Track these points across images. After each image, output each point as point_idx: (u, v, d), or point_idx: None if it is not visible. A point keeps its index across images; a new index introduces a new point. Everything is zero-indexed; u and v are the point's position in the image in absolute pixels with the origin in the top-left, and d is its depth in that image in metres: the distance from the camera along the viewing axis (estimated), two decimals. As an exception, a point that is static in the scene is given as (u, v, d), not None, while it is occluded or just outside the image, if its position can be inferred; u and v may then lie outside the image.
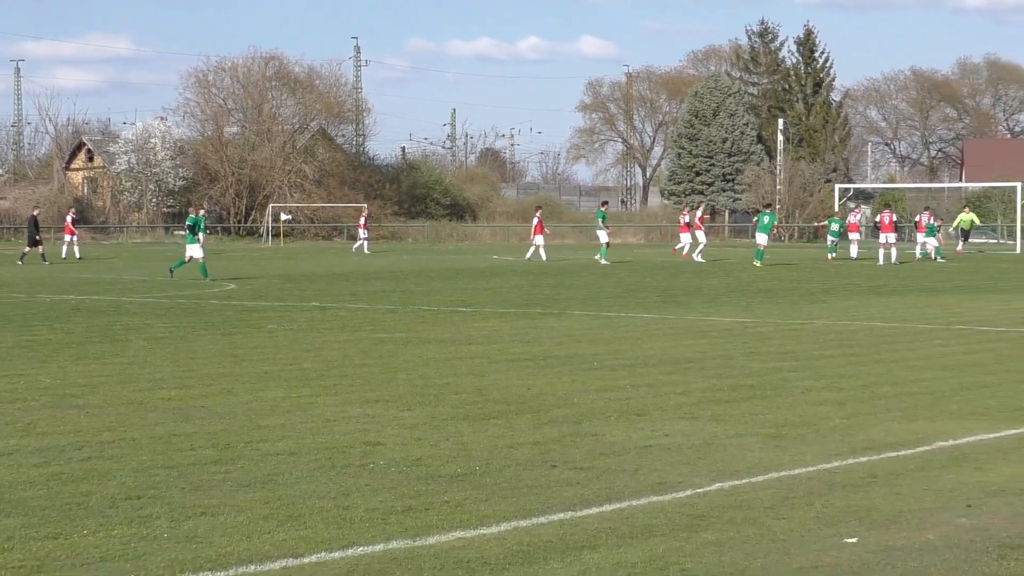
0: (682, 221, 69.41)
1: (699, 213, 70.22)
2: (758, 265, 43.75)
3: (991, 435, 14.73)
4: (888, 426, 15.29)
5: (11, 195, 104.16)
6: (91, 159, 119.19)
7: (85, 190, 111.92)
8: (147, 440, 14.21)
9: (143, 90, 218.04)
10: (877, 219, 67.62)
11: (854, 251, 65.64)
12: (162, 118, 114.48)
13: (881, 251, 62.00)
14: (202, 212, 51.36)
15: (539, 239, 64.68)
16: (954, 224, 79.00)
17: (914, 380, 19.49)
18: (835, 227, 49.92)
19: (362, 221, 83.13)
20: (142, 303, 35.86)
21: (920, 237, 67.42)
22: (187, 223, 49.44)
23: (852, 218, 66.93)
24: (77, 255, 67.29)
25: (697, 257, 63.44)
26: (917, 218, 69.34)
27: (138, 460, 13.09)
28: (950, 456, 13.55)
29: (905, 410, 16.51)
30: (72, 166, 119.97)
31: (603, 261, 60.30)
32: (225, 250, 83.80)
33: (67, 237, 69.57)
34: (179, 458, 13.22)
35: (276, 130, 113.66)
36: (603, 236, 63.76)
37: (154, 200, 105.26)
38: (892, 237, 62.05)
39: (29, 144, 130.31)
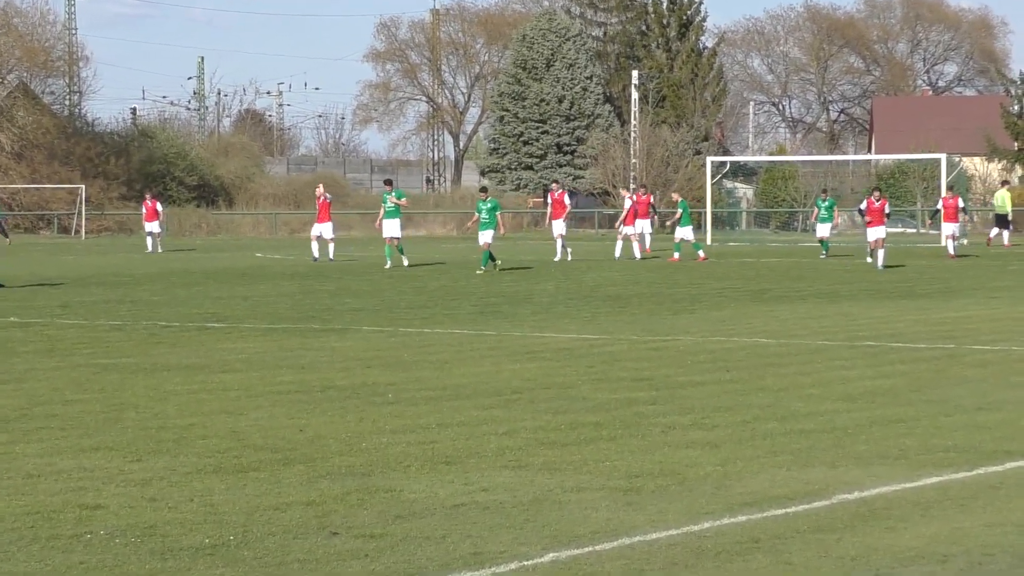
0: (628, 203, 68.41)
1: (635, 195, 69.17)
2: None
3: (907, 484, 14.92)
4: (774, 474, 15.45)
5: None
6: None
7: None
8: None
9: None
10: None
11: (636, 251, 64.24)
12: None
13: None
14: None
15: (327, 228, 65.75)
16: (997, 205, 79.35)
17: (808, 414, 19.73)
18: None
19: (146, 209, 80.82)
20: None
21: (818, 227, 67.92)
22: None
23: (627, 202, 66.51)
24: None
25: (567, 255, 62.42)
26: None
27: None
28: (855, 513, 13.70)
29: (797, 453, 16.70)
30: None
31: (397, 262, 59.93)
32: None
33: None
34: None
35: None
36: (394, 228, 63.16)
37: None
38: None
39: None
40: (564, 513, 13.65)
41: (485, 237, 38.88)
